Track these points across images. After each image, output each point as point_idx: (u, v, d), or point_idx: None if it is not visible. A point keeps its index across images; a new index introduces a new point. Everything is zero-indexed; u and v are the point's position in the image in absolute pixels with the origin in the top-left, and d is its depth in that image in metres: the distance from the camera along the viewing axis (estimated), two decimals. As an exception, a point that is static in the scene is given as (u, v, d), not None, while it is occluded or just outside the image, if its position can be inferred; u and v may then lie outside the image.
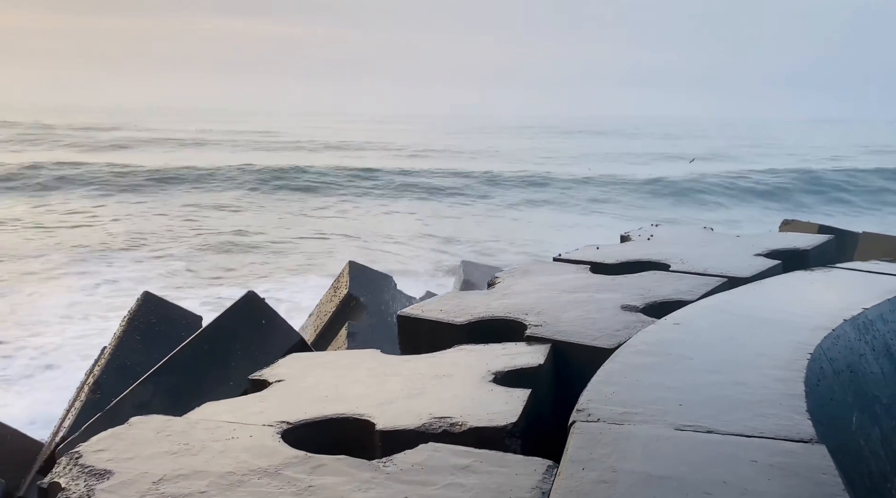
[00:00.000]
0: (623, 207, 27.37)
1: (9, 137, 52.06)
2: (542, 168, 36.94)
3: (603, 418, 2.26)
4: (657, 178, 32.70)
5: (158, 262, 16.45)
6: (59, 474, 2.00)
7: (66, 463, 2.05)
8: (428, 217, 24.06)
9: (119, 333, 5.14)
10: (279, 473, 2.04)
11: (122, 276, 14.76)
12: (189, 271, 15.73)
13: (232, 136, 57.86)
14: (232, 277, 15.14)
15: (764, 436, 2.10)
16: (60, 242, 18.13)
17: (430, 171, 34.16)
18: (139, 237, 18.96)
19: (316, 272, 15.33)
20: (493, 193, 29.65)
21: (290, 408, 2.61)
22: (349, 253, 14.71)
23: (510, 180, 32.17)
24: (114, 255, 16.81)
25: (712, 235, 5.66)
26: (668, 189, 31.02)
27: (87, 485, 1.93)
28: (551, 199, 28.86)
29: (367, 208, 26.02)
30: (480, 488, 1.99)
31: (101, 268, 15.44)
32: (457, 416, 2.48)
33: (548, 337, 3.28)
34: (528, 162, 41.09)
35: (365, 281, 6.99)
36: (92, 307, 12.41)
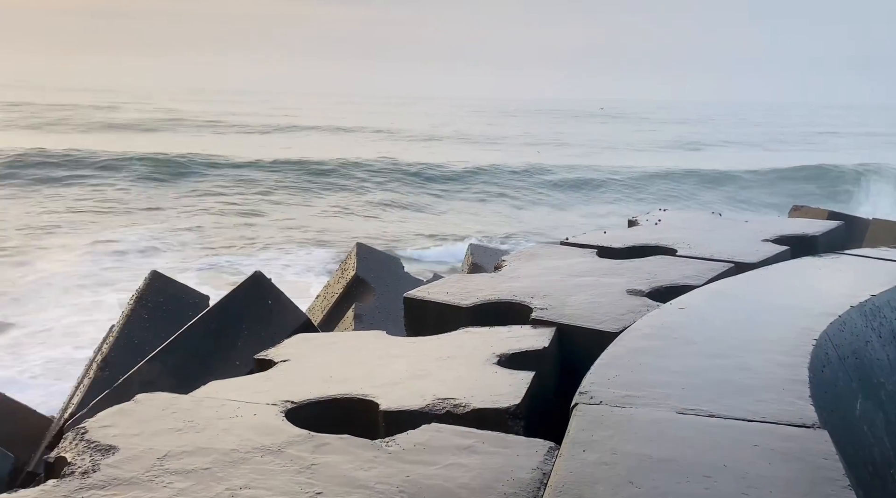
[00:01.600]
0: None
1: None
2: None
3: (605, 401, 2.27)
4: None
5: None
6: (65, 449, 2.02)
7: (72, 438, 2.07)
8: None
9: (127, 312, 5.17)
10: (282, 451, 2.06)
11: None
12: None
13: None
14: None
15: (766, 421, 2.11)
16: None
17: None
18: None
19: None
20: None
21: (295, 387, 2.62)
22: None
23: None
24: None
25: (720, 221, 5.64)
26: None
27: (93, 460, 1.95)
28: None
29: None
30: (482, 468, 2.00)
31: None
32: (460, 397, 2.49)
33: (553, 320, 3.29)
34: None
35: (373, 263, 6.99)
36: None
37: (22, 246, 15.39)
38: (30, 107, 56.06)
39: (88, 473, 1.89)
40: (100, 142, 33.08)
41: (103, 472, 1.89)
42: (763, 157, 39.50)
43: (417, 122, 59.54)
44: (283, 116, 58.90)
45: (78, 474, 1.88)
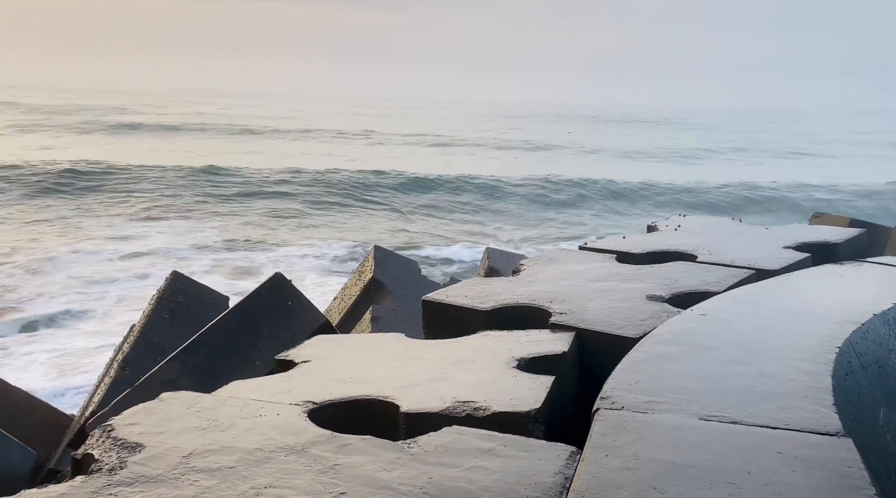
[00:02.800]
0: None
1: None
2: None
3: (627, 406, 2.26)
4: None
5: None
6: (92, 446, 2.05)
7: (98, 435, 2.10)
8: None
9: (148, 312, 5.22)
10: (306, 450, 2.08)
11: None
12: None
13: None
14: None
15: (789, 428, 2.10)
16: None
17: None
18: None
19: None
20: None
21: (315, 388, 2.64)
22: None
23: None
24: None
25: (741, 227, 5.61)
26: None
27: (120, 457, 1.97)
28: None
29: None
30: (503, 472, 2.01)
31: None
32: (480, 400, 2.50)
33: (572, 325, 3.28)
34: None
35: (390, 266, 7.01)
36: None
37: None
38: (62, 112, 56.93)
39: (115, 471, 1.91)
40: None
41: (130, 469, 1.92)
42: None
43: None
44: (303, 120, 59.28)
45: (105, 471, 1.91)
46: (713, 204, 27.41)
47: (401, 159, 36.09)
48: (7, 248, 15.55)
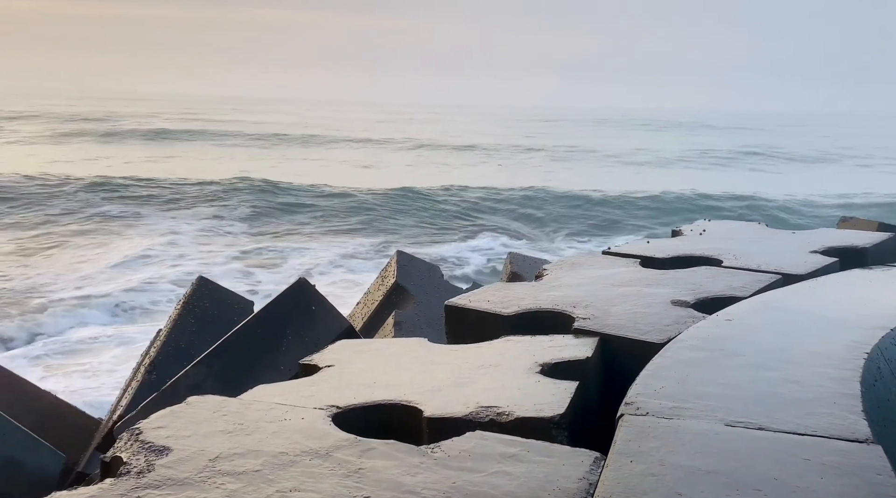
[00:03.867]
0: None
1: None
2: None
3: (652, 412, 2.25)
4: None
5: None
6: (120, 449, 2.08)
7: (127, 439, 2.13)
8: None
9: (174, 317, 5.29)
10: (330, 454, 2.09)
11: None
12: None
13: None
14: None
15: (817, 434, 2.07)
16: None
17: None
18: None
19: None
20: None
21: (339, 393, 2.66)
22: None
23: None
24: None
25: (767, 231, 5.55)
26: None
27: (147, 460, 2.00)
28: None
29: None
30: (527, 477, 2.00)
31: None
32: (504, 405, 2.50)
33: (596, 330, 3.27)
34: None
35: (412, 271, 7.03)
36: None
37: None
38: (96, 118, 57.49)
39: (143, 473, 1.94)
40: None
41: (158, 472, 1.95)
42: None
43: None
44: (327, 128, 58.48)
45: (133, 474, 1.94)
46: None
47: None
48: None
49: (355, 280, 14.66)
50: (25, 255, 15.98)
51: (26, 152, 36.97)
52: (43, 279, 13.69)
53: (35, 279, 13.75)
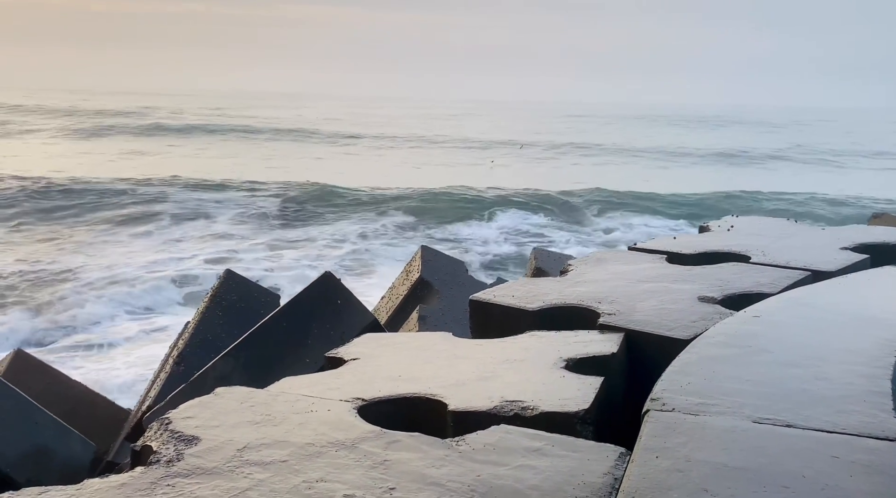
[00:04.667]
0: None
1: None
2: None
3: (678, 408, 2.24)
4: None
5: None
6: (150, 439, 2.11)
7: (156, 428, 2.17)
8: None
9: (202, 309, 5.36)
10: (356, 446, 2.11)
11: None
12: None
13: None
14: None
15: (846, 432, 2.05)
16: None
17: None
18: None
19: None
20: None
21: (365, 385, 2.68)
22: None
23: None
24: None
25: (796, 227, 5.47)
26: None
27: (177, 449, 2.04)
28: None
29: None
30: (552, 471, 2.00)
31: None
32: (528, 400, 2.50)
33: (621, 326, 3.25)
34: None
35: (437, 266, 7.04)
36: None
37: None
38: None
39: (173, 462, 1.97)
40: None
41: (187, 461, 1.98)
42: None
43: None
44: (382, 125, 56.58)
45: (163, 463, 1.97)
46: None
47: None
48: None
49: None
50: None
51: (84, 149, 36.52)
52: (91, 274, 13.82)
53: (81, 273, 13.92)
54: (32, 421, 4.16)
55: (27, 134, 42.41)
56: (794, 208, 23.40)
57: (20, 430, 4.08)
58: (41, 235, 17.16)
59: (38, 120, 50.53)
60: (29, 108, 60.49)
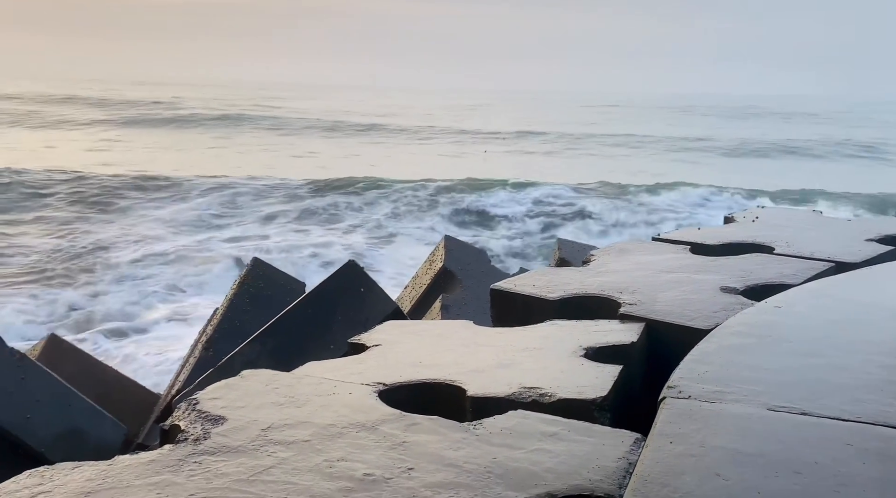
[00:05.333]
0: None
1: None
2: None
3: (694, 396, 2.26)
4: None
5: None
6: (178, 418, 2.19)
7: (184, 408, 2.24)
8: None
9: (230, 296, 5.47)
10: (376, 428, 2.17)
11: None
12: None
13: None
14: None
15: (861, 421, 2.06)
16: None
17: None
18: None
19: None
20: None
21: (386, 370, 2.73)
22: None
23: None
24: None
25: (822, 219, 5.43)
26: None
27: (204, 428, 2.11)
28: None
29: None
30: (567, 455, 2.04)
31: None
32: (546, 387, 2.53)
33: (642, 315, 3.27)
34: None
35: (460, 255, 7.09)
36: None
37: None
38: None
39: (200, 441, 2.05)
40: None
41: (213, 439, 2.05)
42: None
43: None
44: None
45: (191, 441, 2.05)
46: None
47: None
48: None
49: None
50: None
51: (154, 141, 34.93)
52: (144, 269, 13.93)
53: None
54: (66, 403, 4.29)
55: (86, 127, 40.83)
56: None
57: (55, 412, 4.21)
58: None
59: (82, 112, 49.97)
60: (59, 98, 60.20)
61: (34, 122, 42.33)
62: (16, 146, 30.86)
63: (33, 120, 43.05)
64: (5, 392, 3.96)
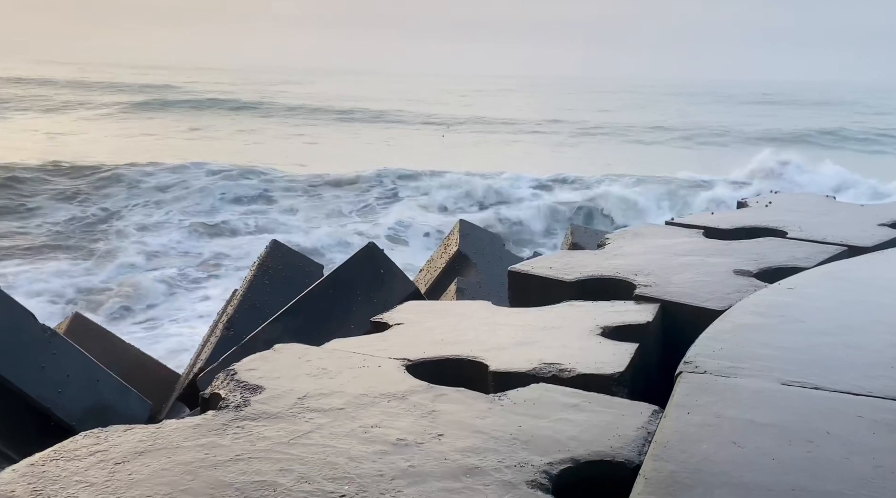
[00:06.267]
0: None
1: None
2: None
3: (710, 371, 2.35)
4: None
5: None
6: (218, 387, 2.30)
7: (223, 378, 2.35)
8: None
9: (250, 277, 5.58)
10: (406, 397, 2.27)
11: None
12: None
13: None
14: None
15: (872, 395, 2.14)
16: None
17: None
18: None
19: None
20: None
21: (409, 347, 2.83)
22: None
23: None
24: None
25: (835, 204, 5.48)
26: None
27: (243, 396, 2.22)
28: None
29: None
30: (588, 424, 2.14)
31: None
32: (566, 363, 2.63)
33: (657, 297, 3.35)
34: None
35: (475, 239, 7.18)
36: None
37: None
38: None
39: (241, 407, 2.16)
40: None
41: (253, 407, 2.16)
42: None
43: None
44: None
45: (232, 408, 2.16)
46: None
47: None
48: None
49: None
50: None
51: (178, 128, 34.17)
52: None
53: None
54: (95, 379, 4.42)
55: (102, 116, 39.45)
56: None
57: (84, 387, 4.34)
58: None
59: (98, 96, 48.91)
60: (64, 83, 59.28)
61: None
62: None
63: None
64: (38, 367, 4.09)
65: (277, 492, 1.73)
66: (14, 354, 4.02)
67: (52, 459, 1.82)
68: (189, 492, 1.70)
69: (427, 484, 1.79)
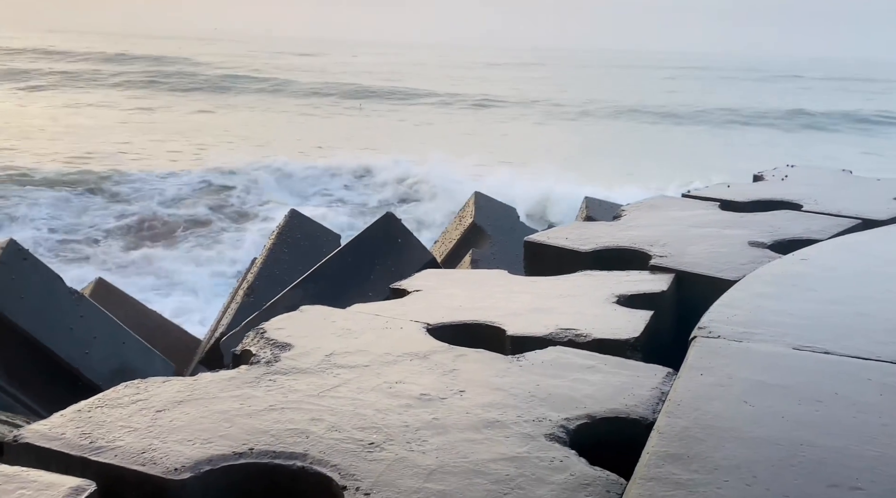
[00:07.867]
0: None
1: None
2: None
3: (723, 335, 2.43)
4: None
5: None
6: (249, 345, 2.40)
7: (253, 336, 2.45)
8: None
9: (269, 246, 5.69)
10: (428, 357, 2.36)
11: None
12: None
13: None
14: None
15: (882, 359, 2.21)
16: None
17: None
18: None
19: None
20: None
21: (428, 313, 2.91)
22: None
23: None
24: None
25: (850, 178, 5.50)
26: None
27: (273, 353, 2.32)
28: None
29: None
30: (604, 384, 2.22)
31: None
32: (582, 328, 2.70)
33: (672, 267, 3.41)
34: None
35: (489, 211, 7.24)
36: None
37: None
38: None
39: (271, 363, 2.25)
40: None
41: (283, 362, 2.26)
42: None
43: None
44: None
45: (263, 363, 2.26)
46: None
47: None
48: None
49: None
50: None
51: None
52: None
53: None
54: (120, 341, 4.55)
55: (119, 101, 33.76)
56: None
57: (110, 349, 4.47)
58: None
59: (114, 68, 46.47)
60: (78, 54, 56.37)
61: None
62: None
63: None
64: (66, 328, 4.22)
65: (310, 439, 1.82)
66: (45, 317, 4.14)
67: (97, 407, 1.92)
68: (227, 437, 1.80)
69: (450, 435, 1.88)
